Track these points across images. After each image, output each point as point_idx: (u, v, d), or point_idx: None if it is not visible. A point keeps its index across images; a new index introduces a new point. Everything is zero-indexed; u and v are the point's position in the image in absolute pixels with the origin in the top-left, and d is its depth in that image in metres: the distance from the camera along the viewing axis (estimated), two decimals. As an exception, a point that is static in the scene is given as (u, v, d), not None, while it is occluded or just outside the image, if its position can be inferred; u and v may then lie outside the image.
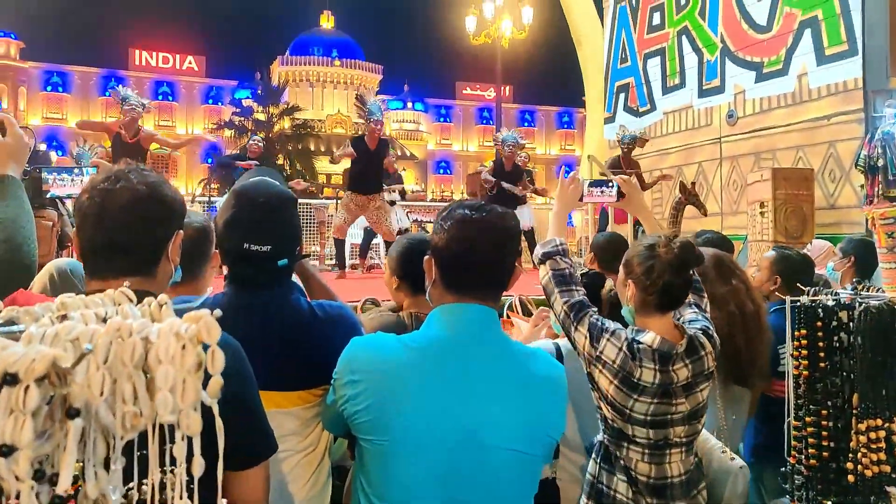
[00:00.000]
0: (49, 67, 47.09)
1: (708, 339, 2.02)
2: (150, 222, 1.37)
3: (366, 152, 7.86)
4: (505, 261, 1.59)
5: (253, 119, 35.56)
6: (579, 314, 2.04)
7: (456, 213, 1.58)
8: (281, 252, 1.73)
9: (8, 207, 1.59)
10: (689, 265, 2.00)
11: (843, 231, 8.32)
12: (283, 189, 1.85)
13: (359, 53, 55.56)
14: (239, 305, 1.69)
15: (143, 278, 1.36)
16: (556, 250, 2.19)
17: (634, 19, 12.27)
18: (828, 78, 8.61)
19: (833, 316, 2.08)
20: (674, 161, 11.24)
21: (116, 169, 1.41)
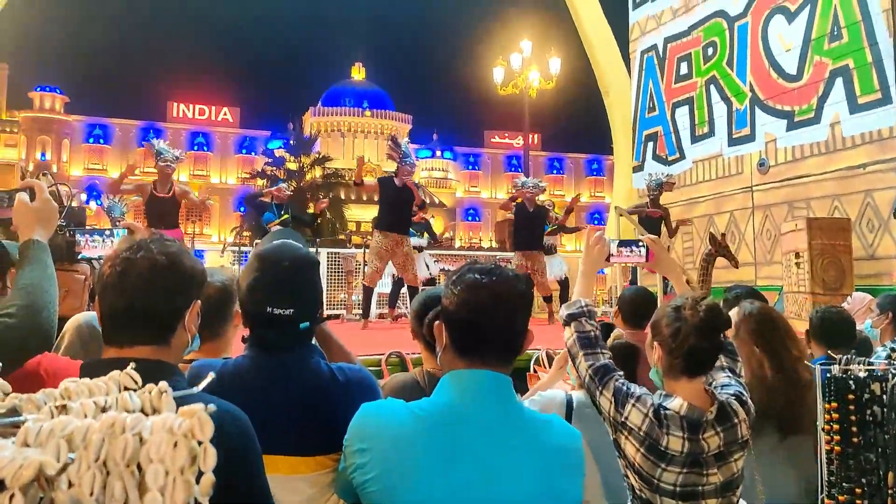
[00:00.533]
0: (91, 120, 48.76)
1: (742, 405, 1.94)
2: (167, 292, 1.40)
3: (394, 190, 7.95)
4: (516, 325, 1.55)
5: (285, 169, 36.19)
6: (604, 378, 2.00)
7: (466, 276, 1.54)
8: (303, 315, 1.74)
9: (32, 272, 1.61)
10: (717, 329, 1.94)
11: (883, 283, 8.10)
12: (305, 252, 1.86)
13: (389, 104, 56.65)
14: (260, 368, 1.71)
15: (158, 347, 1.39)
16: (582, 311, 2.17)
17: (661, 69, 12.31)
18: (862, 126, 8.49)
19: (865, 388, 1.97)
20: (704, 210, 11.12)
21: (140, 238, 1.45)
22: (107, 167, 48.61)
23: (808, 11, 9.29)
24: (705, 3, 11.33)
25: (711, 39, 11.13)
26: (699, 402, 1.91)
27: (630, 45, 13.41)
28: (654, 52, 12.52)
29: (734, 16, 10.67)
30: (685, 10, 11.80)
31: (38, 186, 1.75)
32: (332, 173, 37.64)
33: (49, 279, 1.64)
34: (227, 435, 1.31)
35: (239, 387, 1.56)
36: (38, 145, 45.39)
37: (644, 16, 12.90)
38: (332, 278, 11.38)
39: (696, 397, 1.92)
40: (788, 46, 9.60)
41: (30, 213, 1.71)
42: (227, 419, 1.34)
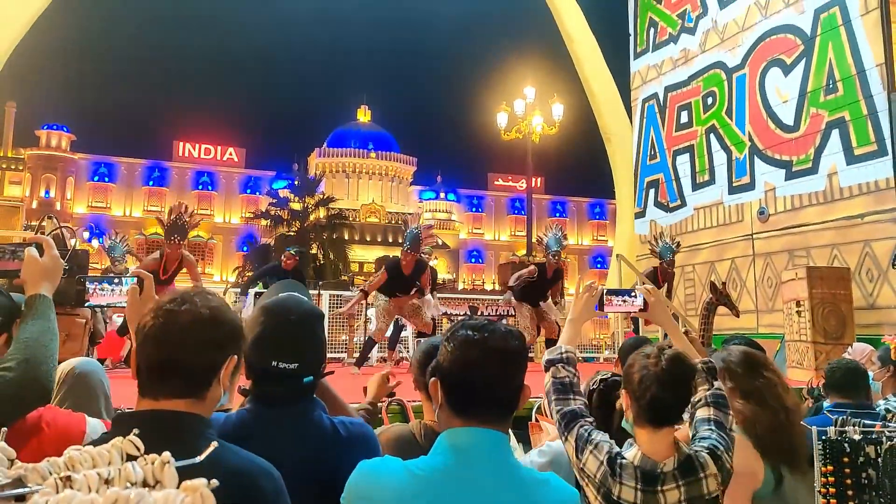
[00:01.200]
0: (97, 159, 48.98)
1: (714, 459, 1.88)
2: (207, 346, 1.40)
3: (400, 276, 7.99)
4: (512, 382, 1.53)
5: (289, 209, 36.35)
6: (570, 424, 2.00)
7: (459, 333, 1.54)
8: (307, 370, 1.73)
9: (34, 327, 1.63)
10: (679, 380, 1.90)
11: (883, 332, 8.07)
12: (310, 306, 1.87)
13: (394, 146, 57.12)
14: (262, 423, 1.69)
15: (194, 401, 1.39)
16: (560, 358, 2.18)
17: (662, 117, 12.49)
18: (858, 177, 8.59)
19: (860, 451, 1.98)
20: (706, 257, 11.17)
21: (183, 291, 1.46)
22: (111, 205, 48.75)
23: (804, 65, 9.47)
24: (704, 55, 11.55)
25: (711, 89, 11.32)
26: (663, 452, 1.87)
27: (631, 93, 13.62)
28: (655, 100, 12.72)
29: (732, 67, 10.87)
30: (684, 61, 12.02)
31: (46, 242, 1.79)
32: (336, 214, 37.76)
33: (50, 333, 1.66)
34: (264, 493, 1.35)
35: (243, 442, 1.53)
36: (43, 183, 45.50)
37: (645, 65, 13.14)
38: (334, 320, 11.37)
39: (660, 448, 1.87)
40: (785, 98, 9.77)
41: (38, 269, 1.74)
42: (263, 476, 1.36)
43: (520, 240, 51.35)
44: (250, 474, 1.34)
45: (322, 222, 36.10)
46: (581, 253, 55.10)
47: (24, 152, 45.55)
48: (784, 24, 9.90)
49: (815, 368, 7.40)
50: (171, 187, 49.81)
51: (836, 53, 8.99)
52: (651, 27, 12.99)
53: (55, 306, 1.77)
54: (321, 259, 34.61)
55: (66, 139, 46.91)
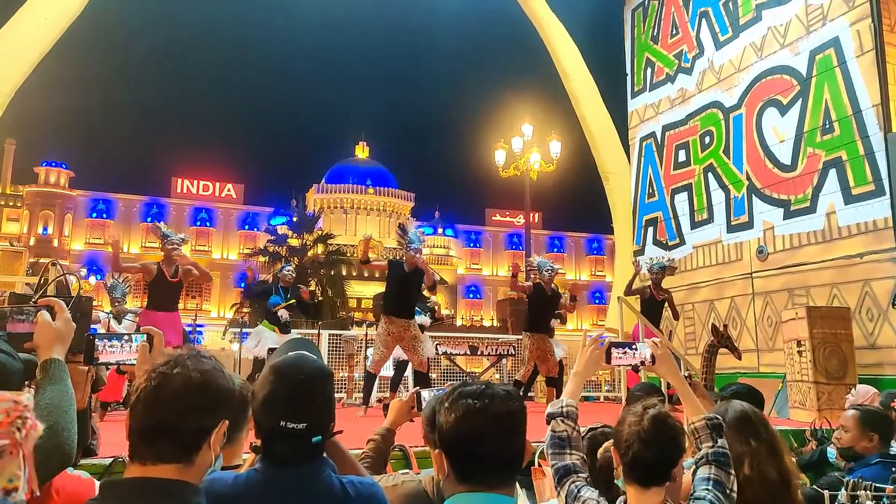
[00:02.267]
0: (95, 195, 49.08)
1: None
2: (196, 411, 1.41)
3: (401, 276, 8.03)
4: (515, 445, 1.56)
5: (287, 245, 36.39)
6: (563, 479, 2.02)
7: (459, 403, 1.55)
8: (315, 430, 1.74)
9: (53, 392, 1.64)
10: (664, 440, 1.89)
11: (885, 372, 8.07)
12: (320, 365, 1.88)
13: (392, 181, 57.42)
14: (271, 483, 1.70)
15: (182, 466, 1.39)
16: (560, 412, 2.19)
17: (660, 156, 12.59)
18: (857, 217, 8.63)
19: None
20: (705, 295, 11.16)
21: (178, 353, 1.47)
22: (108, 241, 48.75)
23: (800, 105, 9.58)
24: (701, 94, 11.69)
25: (708, 129, 11.43)
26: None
27: (629, 131, 13.75)
28: (653, 139, 12.83)
29: (729, 107, 11.00)
30: (682, 100, 12.16)
31: (59, 306, 1.80)
32: (335, 251, 37.80)
33: (69, 399, 1.67)
34: None
35: (252, 503, 1.57)
36: (41, 220, 45.57)
37: (642, 104, 13.28)
38: (333, 360, 11.32)
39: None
40: (782, 137, 9.86)
41: (51, 333, 1.75)
42: None
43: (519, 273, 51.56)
44: None
45: (320, 259, 36.10)
46: (579, 288, 55.01)
47: (23, 189, 45.69)
48: (780, 64, 10.03)
49: (819, 409, 7.36)
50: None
51: (831, 94, 9.10)
52: (648, 67, 13.17)
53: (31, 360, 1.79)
54: (319, 295, 34.51)
55: (64, 176, 47.10)
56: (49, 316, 1.77)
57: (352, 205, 54.70)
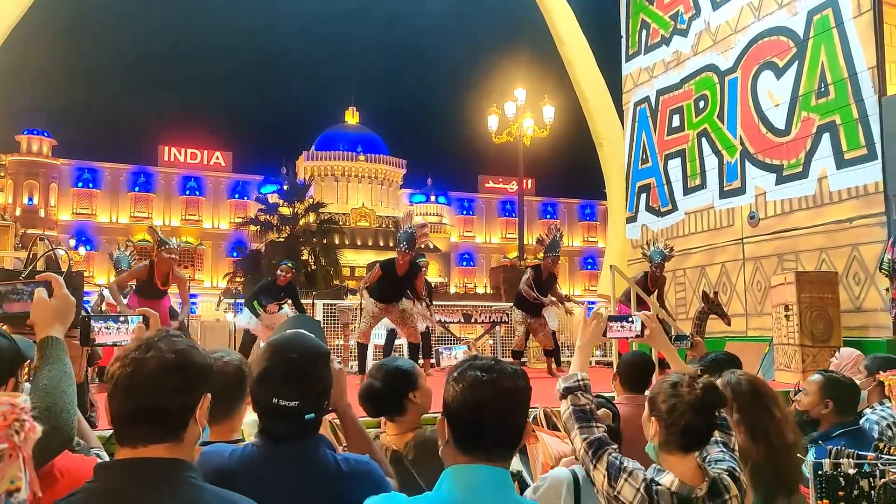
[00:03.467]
0: (80, 164, 48.67)
1: (734, 481, 1.99)
2: (178, 391, 1.41)
3: (393, 277, 8.00)
4: (517, 421, 1.60)
5: (278, 215, 36.28)
6: (598, 452, 2.06)
7: (467, 374, 1.59)
8: (307, 407, 1.77)
9: (51, 372, 1.62)
10: (713, 407, 2.00)
11: (870, 334, 8.18)
12: (316, 344, 1.89)
13: (383, 148, 57.15)
14: (267, 459, 1.74)
15: (172, 444, 1.40)
16: (578, 386, 2.24)
17: (654, 121, 12.53)
18: (848, 181, 8.64)
19: (855, 485, 2.04)
20: (697, 261, 11.21)
21: (147, 337, 1.46)
22: (96, 211, 48.43)
23: (796, 68, 9.51)
24: (696, 57, 11.59)
25: (703, 93, 11.37)
26: (691, 477, 1.95)
27: (623, 96, 13.65)
28: (647, 104, 12.76)
29: (724, 70, 10.92)
30: (676, 64, 12.06)
31: (56, 282, 1.77)
32: (327, 219, 37.73)
33: (68, 378, 1.64)
34: None
35: (247, 477, 1.60)
36: (26, 189, 45.21)
37: (636, 68, 13.17)
38: (329, 329, 11.38)
39: (688, 472, 1.96)
40: (777, 101, 9.81)
41: (49, 310, 1.72)
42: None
43: (511, 242, 51.53)
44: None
45: (312, 227, 36.04)
46: (571, 255, 55.27)
47: (6, 158, 45.17)
48: (777, 25, 9.93)
49: (803, 371, 7.48)
50: (157, 193, 49.67)
51: (828, 56, 9.03)
52: (643, 29, 13.02)
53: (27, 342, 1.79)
54: (312, 265, 34.55)
55: (47, 144, 46.58)
56: (45, 293, 1.74)
57: (343, 172, 54.49)
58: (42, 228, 43.09)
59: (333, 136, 57.13)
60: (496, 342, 13.24)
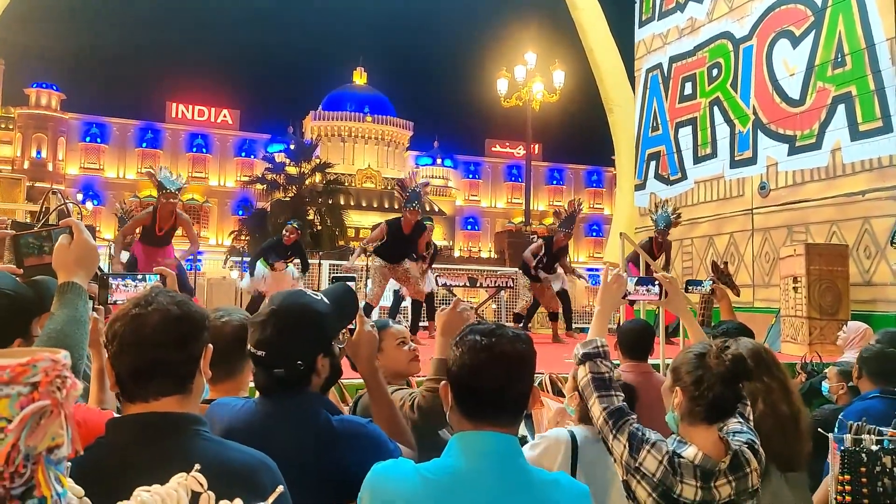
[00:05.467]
0: (88, 119, 48.43)
1: (754, 454, 1.98)
2: (184, 342, 1.42)
3: (400, 237, 8.05)
4: (520, 386, 1.58)
5: (285, 174, 36.14)
6: (619, 421, 2.03)
7: (468, 338, 1.58)
8: (276, 361, 1.74)
9: (61, 316, 1.59)
10: (740, 378, 1.98)
11: (878, 308, 8.18)
12: (306, 303, 1.84)
13: (390, 110, 56.65)
14: (260, 413, 1.76)
15: (182, 397, 1.41)
16: (597, 352, 2.19)
17: (666, 88, 12.38)
18: (862, 154, 8.56)
19: (877, 461, 2.04)
20: (705, 230, 11.18)
21: (144, 293, 1.46)
22: (104, 166, 48.34)
23: (813, 37, 9.36)
24: (711, 24, 11.41)
25: (716, 61, 11.21)
26: (714, 449, 1.94)
27: (635, 62, 13.48)
28: (659, 70, 12.60)
29: (739, 38, 10.75)
30: (691, 30, 11.88)
31: (76, 227, 1.73)
32: (333, 179, 37.59)
33: (77, 323, 1.62)
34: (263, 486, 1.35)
35: (244, 431, 1.61)
36: (34, 143, 45.03)
37: (650, 34, 12.99)
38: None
39: (711, 444, 1.95)
40: (792, 71, 9.68)
41: (69, 255, 1.68)
42: (262, 470, 1.39)
43: (517, 207, 51.30)
44: (250, 468, 1.37)
45: (318, 188, 35.93)
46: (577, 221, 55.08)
47: (14, 111, 45.01)
48: (794, -7, 9.75)
49: (810, 344, 7.50)
50: (164, 149, 49.43)
51: (846, 26, 8.87)
52: (657, -6, 12.81)
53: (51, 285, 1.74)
54: (318, 225, 34.53)
55: (55, 98, 46.29)
56: (67, 239, 1.70)
57: (349, 133, 54.11)
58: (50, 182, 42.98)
59: (341, 96, 56.61)
60: (500, 307, 13.29)
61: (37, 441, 0.74)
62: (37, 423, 0.74)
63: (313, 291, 1.92)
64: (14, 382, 0.74)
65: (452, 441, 1.57)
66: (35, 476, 0.74)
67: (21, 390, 0.74)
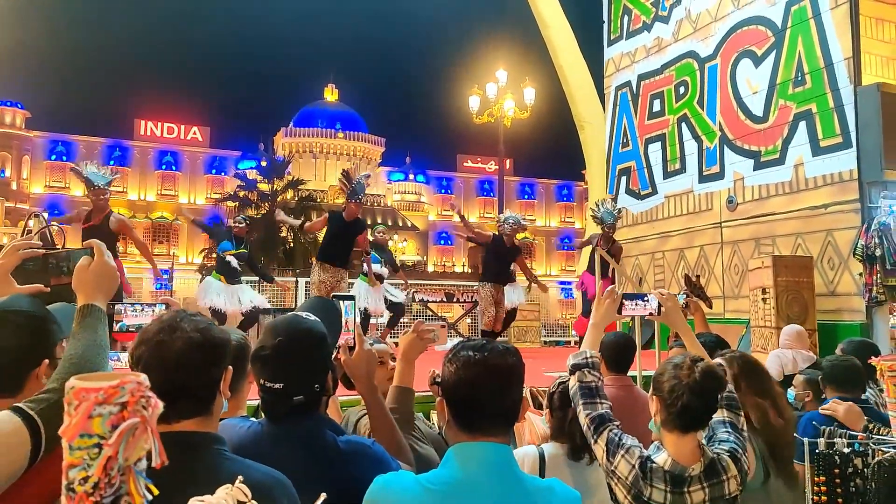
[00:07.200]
0: (54, 137, 47.63)
1: (735, 461, 2.05)
2: (205, 366, 1.48)
3: (342, 224, 7.99)
4: (511, 396, 1.66)
5: (257, 191, 35.93)
6: (599, 427, 2.14)
7: (461, 354, 1.66)
8: (295, 390, 1.78)
9: (80, 342, 1.58)
10: (711, 390, 2.05)
11: (843, 318, 8.45)
12: (307, 327, 1.87)
13: (362, 126, 56.68)
14: (268, 436, 1.79)
15: (203, 418, 1.48)
16: (586, 363, 2.32)
17: (635, 105, 12.68)
18: (823, 168, 8.87)
19: (849, 463, 2.17)
20: (676, 244, 11.44)
21: (169, 318, 1.51)
22: (69, 185, 47.53)
23: (774, 56, 9.70)
24: (677, 44, 11.73)
25: (683, 79, 11.53)
26: (689, 456, 2.01)
27: (605, 80, 13.77)
28: (628, 88, 12.90)
29: (704, 57, 11.08)
30: (658, 49, 12.20)
31: (98, 249, 1.73)
32: (306, 196, 37.46)
33: (98, 348, 1.61)
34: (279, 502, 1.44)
35: (253, 453, 1.63)
36: (-2, 161, 44.24)
37: (618, 52, 13.29)
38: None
39: (686, 452, 2.02)
40: (755, 89, 10.00)
41: (89, 278, 1.67)
42: (277, 487, 1.45)
43: (489, 221, 51.54)
44: (267, 486, 1.41)
45: (291, 205, 35.80)
46: (549, 234, 55.56)
47: (-23, 129, 44.16)
48: (756, 15, 10.10)
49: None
50: (133, 167, 48.83)
51: (805, 46, 9.22)
52: (625, 14, 13.13)
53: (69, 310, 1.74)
54: (291, 242, 34.35)
55: (20, 116, 45.46)
56: (87, 261, 1.71)
57: (321, 149, 54.02)
58: (14, 201, 42.36)
59: (312, 112, 56.55)
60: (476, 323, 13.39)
61: (131, 454, 0.83)
62: (131, 438, 0.83)
63: (305, 314, 1.94)
64: (106, 403, 0.83)
65: (450, 452, 1.64)
66: (127, 485, 0.83)
67: (112, 410, 0.83)
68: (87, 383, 0.83)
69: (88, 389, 0.82)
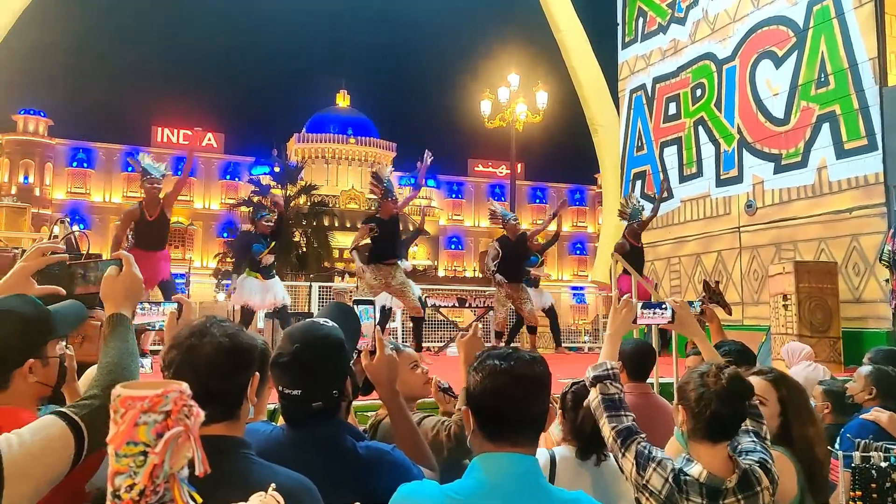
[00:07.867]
0: (75, 144, 48.66)
1: (766, 472, 1.99)
2: (234, 372, 1.51)
3: (381, 225, 8.08)
4: (538, 406, 1.63)
5: (271, 196, 36.07)
6: (627, 441, 2.09)
7: (487, 363, 1.63)
8: (313, 396, 1.78)
9: (114, 350, 1.64)
10: (739, 396, 2.00)
11: (868, 325, 8.22)
12: (325, 334, 1.87)
13: (373, 131, 56.96)
14: (290, 441, 1.79)
15: (230, 423, 1.50)
16: (607, 374, 2.27)
17: (650, 108, 12.49)
18: (848, 172, 8.65)
19: (887, 477, 2.06)
20: (692, 249, 11.23)
21: (200, 324, 1.55)
22: (90, 191, 48.41)
23: (796, 57, 9.49)
24: (693, 46, 11.55)
25: (700, 81, 11.33)
26: (721, 467, 1.96)
27: (619, 83, 13.60)
28: (643, 91, 12.71)
29: (722, 59, 10.88)
30: (673, 52, 12.01)
31: (126, 259, 1.78)
32: (318, 202, 37.60)
33: (132, 356, 1.66)
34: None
35: (274, 458, 1.64)
36: (21, 168, 45.15)
37: (633, 55, 13.12)
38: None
39: (718, 463, 1.96)
40: (776, 91, 9.79)
41: (117, 288, 1.73)
42: (304, 492, 1.47)
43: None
44: (294, 490, 1.41)
45: (304, 210, 35.92)
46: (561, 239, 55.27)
47: (2, 137, 45.17)
48: (776, 15, 9.90)
49: (799, 360, 7.51)
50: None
51: (828, 47, 9.01)
52: (640, 17, 12.96)
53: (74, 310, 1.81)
54: (304, 247, 34.46)
55: (43, 124, 46.62)
56: (115, 270, 1.75)
57: (333, 154, 54.29)
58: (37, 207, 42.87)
59: (324, 118, 56.86)
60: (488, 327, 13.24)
61: (176, 462, 0.85)
62: (175, 446, 0.85)
63: (323, 320, 1.92)
64: (151, 411, 0.84)
65: (475, 462, 1.60)
66: (172, 492, 0.85)
67: (156, 418, 0.84)
68: (133, 391, 0.85)
69: (134, 398, 0.85)
